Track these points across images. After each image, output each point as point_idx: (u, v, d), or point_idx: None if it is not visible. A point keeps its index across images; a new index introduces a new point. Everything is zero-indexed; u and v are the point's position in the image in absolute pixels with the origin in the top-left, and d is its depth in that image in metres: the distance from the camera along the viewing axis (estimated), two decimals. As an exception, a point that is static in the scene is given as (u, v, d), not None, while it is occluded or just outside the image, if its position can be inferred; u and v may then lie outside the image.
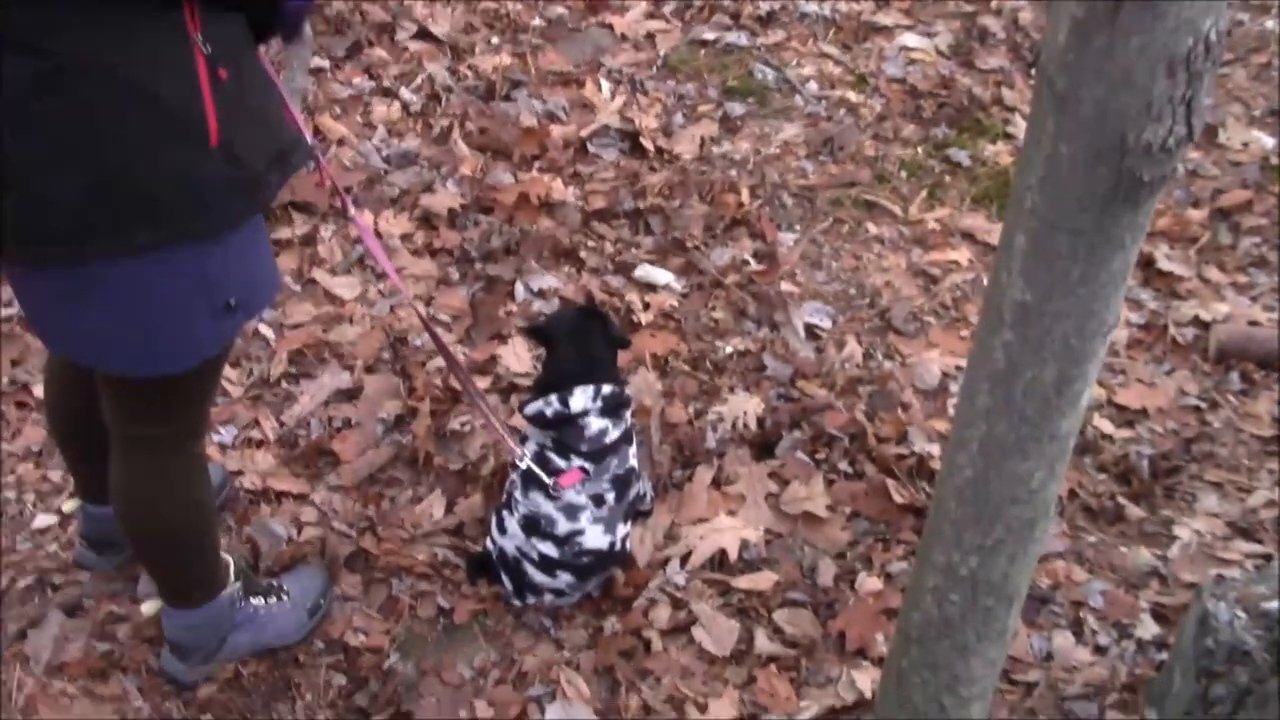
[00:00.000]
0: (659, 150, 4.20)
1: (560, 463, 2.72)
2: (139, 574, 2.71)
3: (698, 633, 2.76)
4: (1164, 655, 2.74)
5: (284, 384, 3.29)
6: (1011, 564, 1.58)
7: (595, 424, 2.71)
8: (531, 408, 2.74)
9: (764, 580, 2.90)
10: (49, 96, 1.73)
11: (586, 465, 2.71)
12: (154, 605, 2.56)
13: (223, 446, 3.10)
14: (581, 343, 2.81)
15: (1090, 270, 1.35)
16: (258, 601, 2.62)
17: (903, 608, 1.76)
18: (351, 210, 2.39)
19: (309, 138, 2.11)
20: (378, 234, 3.72)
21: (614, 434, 2.73)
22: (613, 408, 2.74)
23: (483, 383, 3.31)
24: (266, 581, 2.69)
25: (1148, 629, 2.81)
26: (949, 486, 1.58)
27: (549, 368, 2.81)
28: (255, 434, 3.15)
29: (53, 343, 2.12)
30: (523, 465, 2.71)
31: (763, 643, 2.76)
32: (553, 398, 2.71)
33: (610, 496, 2.73)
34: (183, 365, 2.06)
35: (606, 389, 2.73)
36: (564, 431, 2.72)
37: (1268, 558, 3.01)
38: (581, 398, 2.70)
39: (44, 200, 1.80)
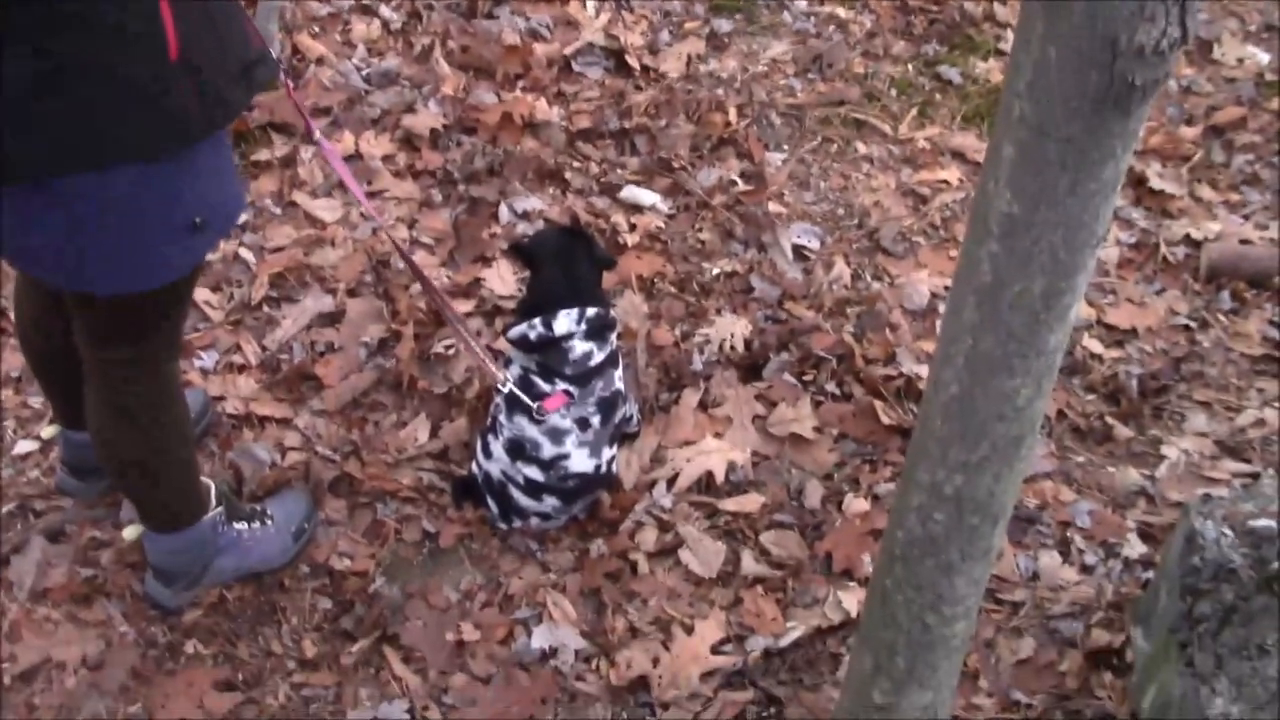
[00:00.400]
0: (645, 69, 4.12)
1: (545, 386, 2.69)
2: (121, 500, 2.69)
3: (684, 555, 2.76)
4: (1150, 574, 2.74)
5: (265, 308, 3.25)
6: (997, 482, 1.56)
7: (580, 347, 2.68)
8: (515, 331, 2.71)
9: (751, 502, 2.89)
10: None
11: (571, 389, 2.68)
12: (135, 530, 2.54)
13: (204, 371, 3.06)
14: (566, 264, 2.77)
15: (1080, 179, 1.31)
16: (241, 526, 2.60)
17: (887, 526, 1.74)
18: (317, 135, 2.33)
19: (274, 53, 2.04)
20: (358, 155, 3.66)
21: (599, 357, 2.70)
22: (597, 330, 2.70)
23: (466, 306, 3.28)
24: (250, 506, 2.67)
25: (1134, 548, 2.81)
26: (934, 404, 1.56)
27: (533, 290, 2.77)
28: (237, 359, 3.12)
29: (19, 262, 2.08)
30: (505, 390, 2.68)
31: (749, 564, 2.75)
32: (536, 321, 2.67)
33: (595, 420, 2.71)
34: (149, 283, 2.02)
35: (591, 312, 2.69)
36: (548, 355, 2.69)
37: (1255, 477, 3.00)
38: (566, 321, 2.66)
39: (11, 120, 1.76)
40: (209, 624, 2.57)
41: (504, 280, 3.33)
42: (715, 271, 3.46)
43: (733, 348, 3.22)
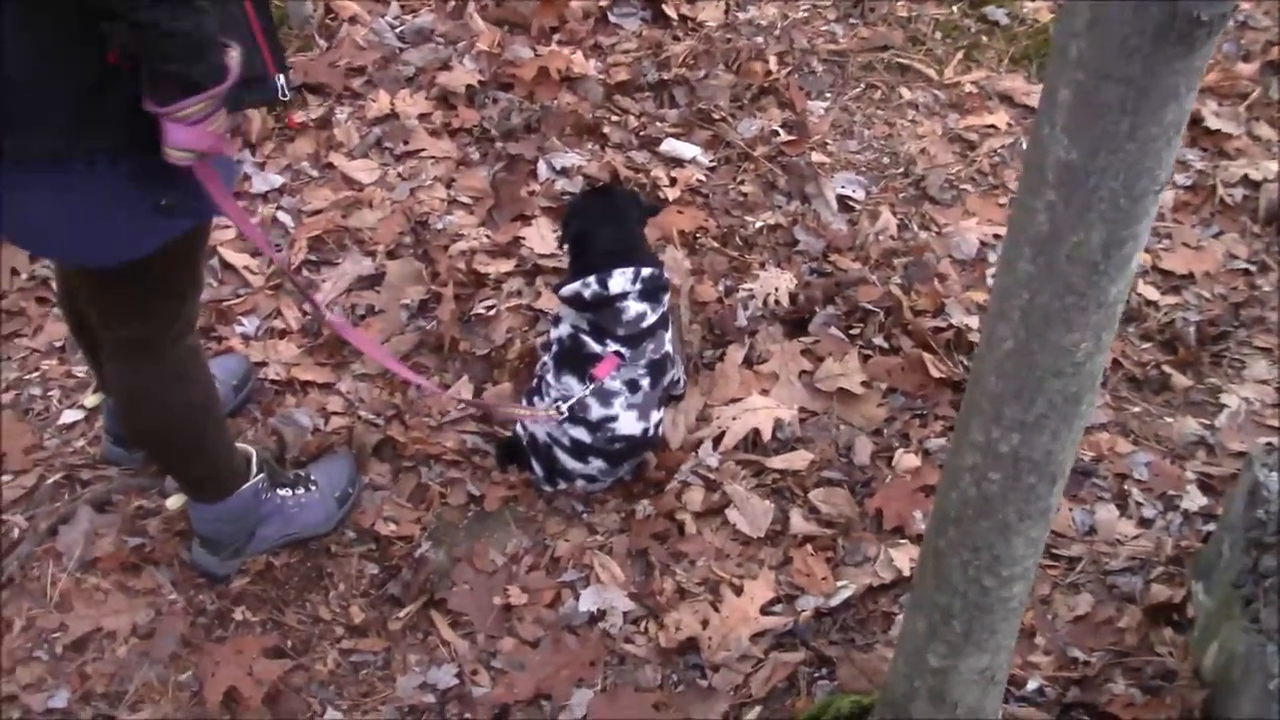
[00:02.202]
0: (682, 18, 4.03)
1: (595, 346, 2.65)
2: (167, 467, 2.69)
3: (732, 514, 2.72)
4: (1211, 527, 2.68)
5: (305, 271, 3.22)
6: (1055, 440, 1.50)
7: (634, 307, 2.63)
8: (568, 289, 2.66)
9: (799, 459, 2.84)
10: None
11: (623, 350, 2.64)
12: (179, 499, 2.55)
13: (246, 338, 3.05)
14: (617, 222, 2.73)
15: (1141, 122, 1.24)
16: (285, 493, 2.59)
17: (940, 486, 1.69)
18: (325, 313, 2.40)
19: (280, 80, 1.99)
20: (393, 115, 3.62)
21: (652, 318, 2.66)
22: (652, 291, 2.66)
23: (507, 265, 3.23)
24: (294, 473, 2.66)
25: (1194, 500, 2.75)
26: (988, 360, 1.50)
27: (584, 247, 2.71)
28: (278, 324, 3.10)
29: (17, 240, 2.07)
30: (564, 414, 2.64)
31: (798, 523, 2.71)
32: (591, 279, 2.63)
33: (645, 382, 2.67)
34: (117, 257, 1.99)
35: (646, 271, 2.65)
36: (601, 314, 2.64)
37: (1319, 424, 2.92)
38: (621, 280, 2.62)
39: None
40: (257, 591, 2.57)
41: (544, 239, 3.28)
42: (758, 225, 3.39)
43: (777, 302, 3.16)
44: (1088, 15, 1.22)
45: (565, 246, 2.79)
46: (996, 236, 3.38)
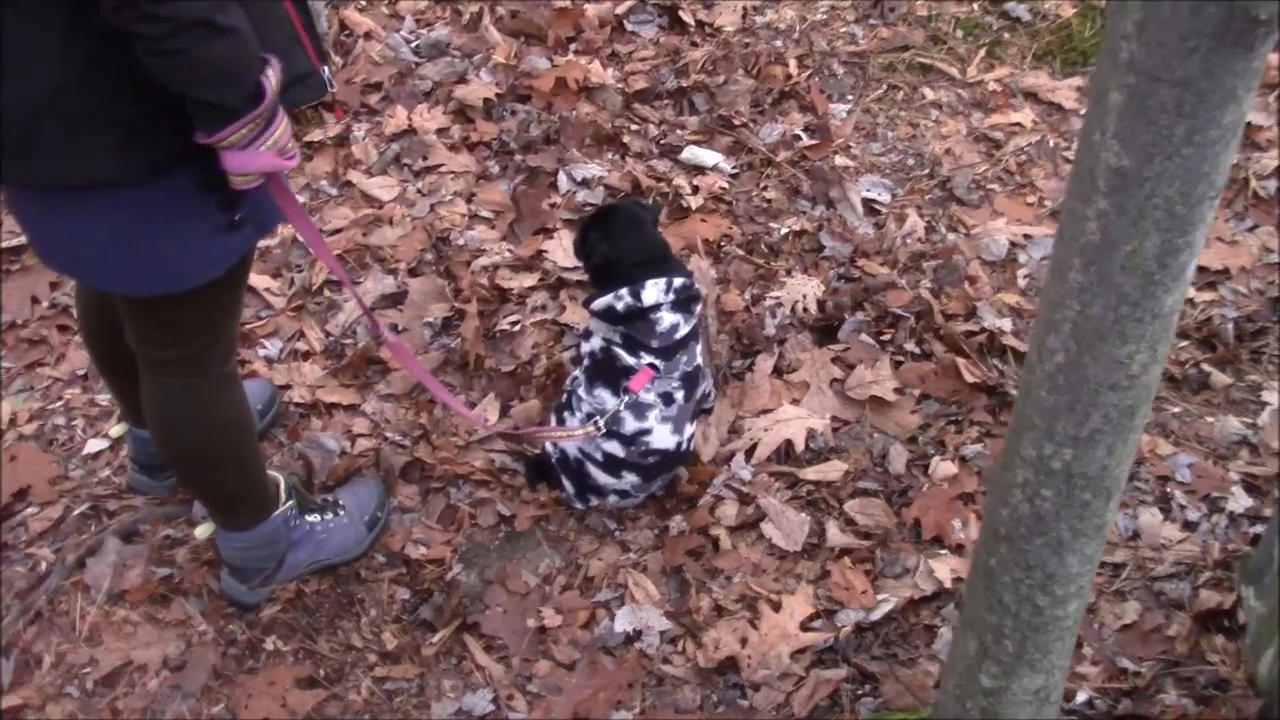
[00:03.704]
0: (700, 24, 3.99)
1: (629, 359, 2.60)
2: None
3: (767, 528, 2.67)
4: (1258, 529, 2.62)
5: (326, 292, 3.19)
6: (1110, 455, 1.45)
7: (668, 318, 2.59)
8: (600, 301, 2.62)
9: (833, 470, 2.79)
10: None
11: (656, 362, 2.59)
12: (207, 528, 2.51)
13: (269, 360, 3.01)
14: (642, 232, 2.68)
15: (1198, 126, 1.19)
16: (314, 519, 2.55)
17: (988, 502, 1.63)
18: (384, 332, 2.31)
19: (326, 72, 1.97)
20: (411, 130, 3.58)
21: (685, 329, 2.61)
22: (684, 301, 2.61)
23: (530, 279, 3.19)
24: (321, 498, 2.63)
25: (1239, 502, 2.68)
26: (1038, 373, 1.45)
27: (610, 260, 2.65)
28: (301, 345, 3.07)
29: (54, 263, 2.03)
30: (601, 432, 2.60)
31: (835, 535, 2.66)
32: (624, 290, 2.58)
33: (680, 395, 2.62)
34: (187, 283, 1.97)
35: (679, 281, 2.60)
36: (634, 326, 2.60)
37: (1364, 420, 2.85)
38: (654, 291, 2.57)
39: (47, 124, 1.72)
40: (288, 619, 2.53)
41: (567, 251, 3.24)
42: (783, 231, 3.34)
43: (805, 309, 3.12)
44: (1139, 15, 1.17)
45: (587, 263, 2.73)
46: (1026, 237, 3.33)
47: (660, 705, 2.40)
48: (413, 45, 3.90)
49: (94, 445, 2.84)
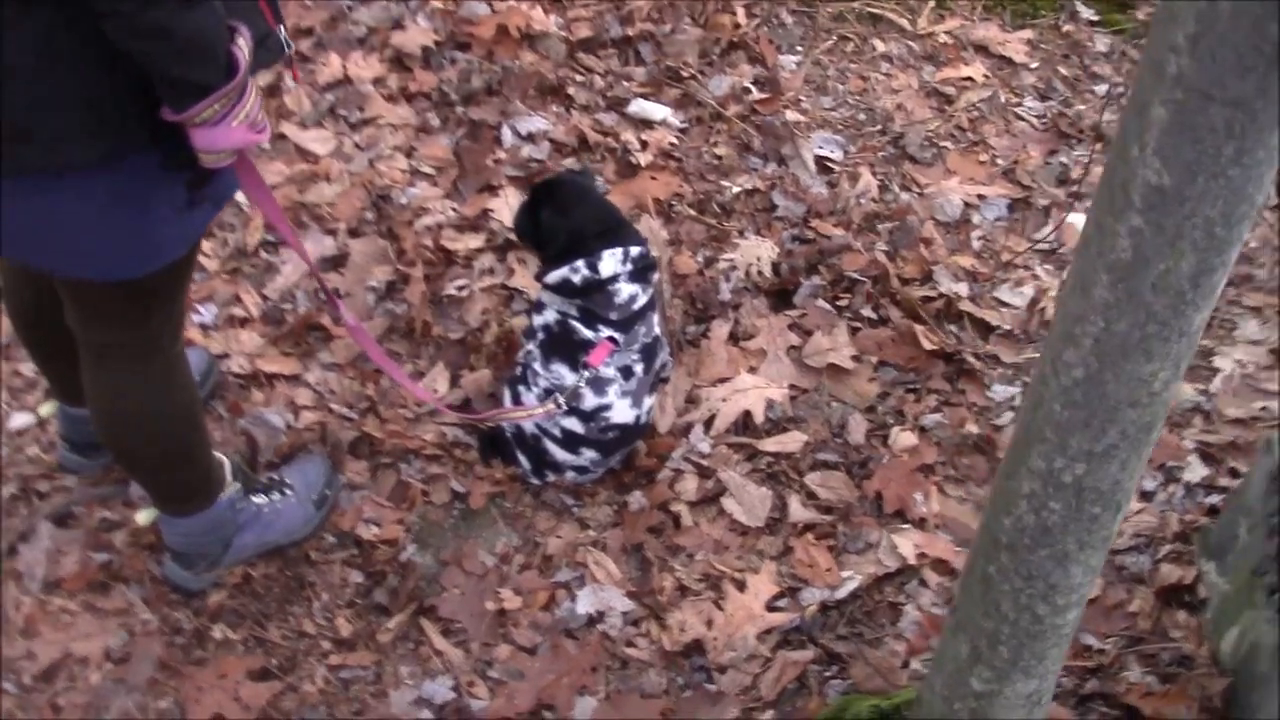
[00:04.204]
0: (644, -32, 3.85)
1: (587, 332, 2.51)
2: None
3: (728, 503, 2.62)
4: (1214, 499, 2.63)
5: (263, 253, 3.04)
6: (1123, 470, 1.41)
7: (626, 290, 2.50)
8: (555, 275, 2.52)
9: (792, 441, 2.74)
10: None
11: (615, 335, 2.51)
12: (150, 514, 2.39)
13: (204, 328, 2.87)
14: (592, 202, 2.59)
15: (1247, 147, 1.13)
16: (260, 500, 2.45)
17: (989, 510, 1.59)
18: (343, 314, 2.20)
19: (282, 32, 1.84)
20: (346, 80, 3.42)
21: (643, 299, 2.53)
22: (641, 270, 2.53)
23: (476, 240, 3.08)
24: (267, 477, 2.52)
25: (1195, 471, 2.69)
26: (1053, 386, 1.39)
27: (561, 230, 2.55)
28: (238, 311, 2.92)
29: (11, 251, 1.89)
30: (562, 409, 2.52)
31: (797, 510, 2.62)
32: (579, 263, 2.49)
33: (639, 368, 2.55)
34: (153, 265, 1.88)
35: (635, 250, 2.51)
36: (592, 299, 2.51)
37: (1314, 387, 2.87)
38: (611, 262, 2.48)
39: (7, 110, 1.60)
40: (235, 605, 2.43)
41: (513, 210, 3.12)
42: (735, 190, 3.26)
43: (760, 273, 3.05)
44: (1192, 29, 1.10)
45: (545, 244, 2.61)
46: (980, 197, 3.29)
47: (625, 690, 2.36)
48: (345, -13, 3.71)
49: (20, 420, 2.68)
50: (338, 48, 3.52)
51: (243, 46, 1.63)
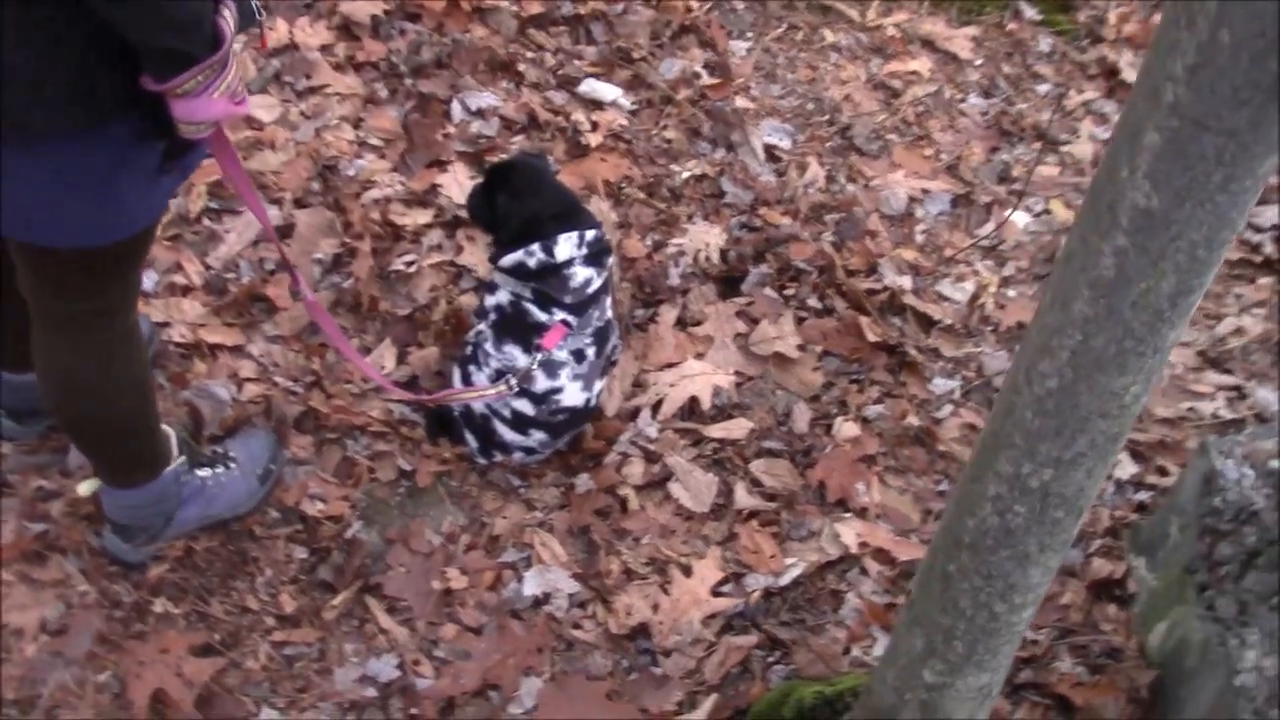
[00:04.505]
0: (596, -54, 3.84)
1: (541, 316, 2.51)
2: (67, 443, 2.47)
3: (675, 488, 2.65)
4: (1142, 495, 2.72)
5: (206, 221, 2.98)
6: (1089, 477, 1.46)
7: (581, 273, 2.50)
8: (510, 258, 2.51)
9: (738, 428, 2.78)
10: None
11: (569, 318, 2.51)
12: (91, 485, 2.34)
13: (144, 294, 2.80)
14: (547, 184, 2.58)
15: (1235, 175, 1.17)
16: (204, 473, 2.41)
17: (950, 510, 1.63)
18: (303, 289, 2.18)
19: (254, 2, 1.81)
20: (293, 46, 3.36)
21: (597, 283, 2.54)
22: (597, 254, 2.54)
23: (425, 216, 3.05)
24: (211, 450, 2.48)
25: (1125, 469, 2.78)
26: (1026, 395, 1.43)
27: (516, 214, 2.55)
28: (179, 279, 2.86)
29: None
30: (513, 390, 2.51)
31: (742, 496, 2.65)
32: (535, 246, 2.48)
33: (591, 351, 2.56)
34: (125, 233, 1.84)
35: (590, 234, 2.52)
36: (547, 282, 2.51)
37: (1238, 390, 2.97)
38: (567, 245, 2.48)
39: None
40: (177, 579, 2.40)
41: (462, 186, 3.10)
42: (684, 175, 3.27)
43: (708, 259, 3.07)
44: (1192, 60, 1.13)
45: (500, 228, 2.60)
46: (924, 191, 3.34)
47: (571, 671, 2.38)
48: (291, -50, 3.64)
49: (-49, 384, 2.61)
50: (284, 13, 3.44)
51: (228, 18, 1.60)
